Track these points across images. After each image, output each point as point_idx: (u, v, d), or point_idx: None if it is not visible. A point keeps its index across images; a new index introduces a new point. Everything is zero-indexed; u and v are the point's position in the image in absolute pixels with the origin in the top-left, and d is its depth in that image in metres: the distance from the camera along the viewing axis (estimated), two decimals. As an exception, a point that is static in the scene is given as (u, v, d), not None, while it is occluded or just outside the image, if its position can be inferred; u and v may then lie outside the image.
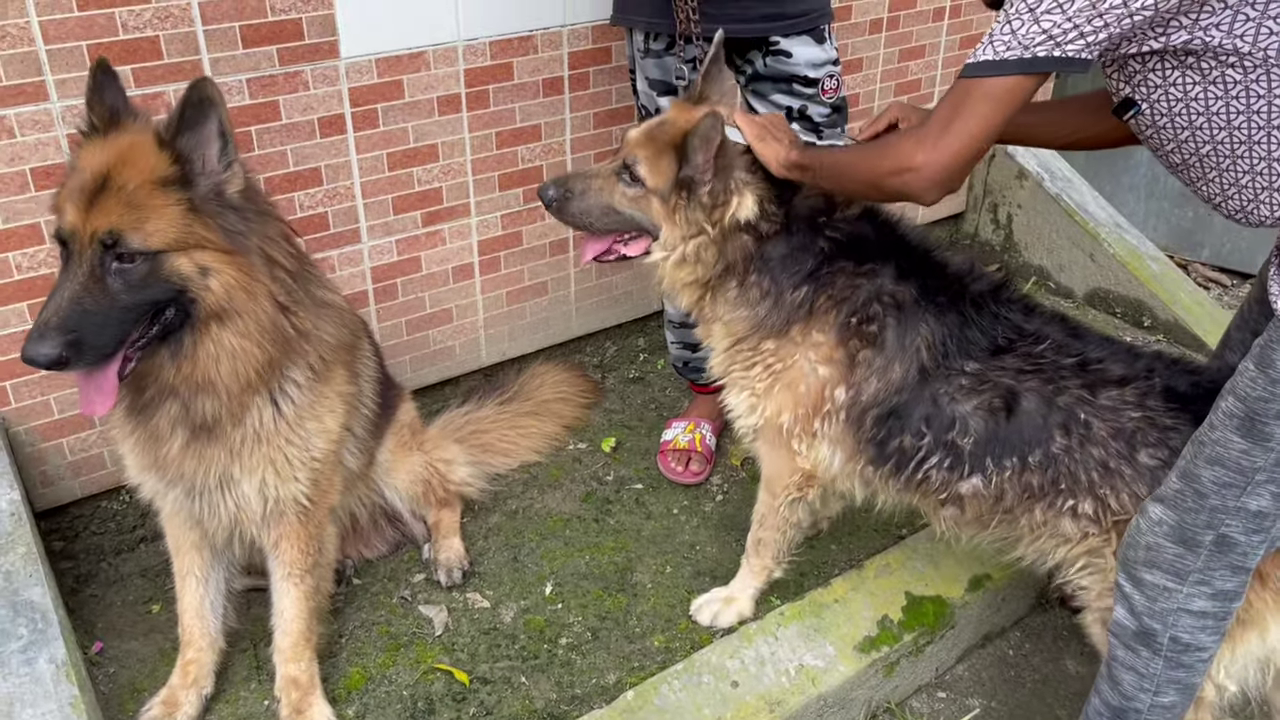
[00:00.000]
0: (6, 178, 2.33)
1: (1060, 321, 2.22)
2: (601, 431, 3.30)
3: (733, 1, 2.54)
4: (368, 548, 2.74)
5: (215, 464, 2.02)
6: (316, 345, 2.06)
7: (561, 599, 2.65)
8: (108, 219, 1.74)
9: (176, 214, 1.76)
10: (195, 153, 1.78)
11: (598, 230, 2.23)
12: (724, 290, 2.20)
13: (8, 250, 2.38)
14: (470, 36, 2.84)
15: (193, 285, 1.81)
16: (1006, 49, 1.69)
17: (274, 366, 1.97)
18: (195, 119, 1.75)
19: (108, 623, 2.58)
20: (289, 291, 1.93)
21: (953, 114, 1.75)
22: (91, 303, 1.75)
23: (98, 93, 1.84)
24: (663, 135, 2.14)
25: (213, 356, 1.88)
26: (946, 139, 1.75)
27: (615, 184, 2.17)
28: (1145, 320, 3.92)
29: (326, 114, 2.69)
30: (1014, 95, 1.72)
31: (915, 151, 1.78)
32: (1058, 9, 1.63)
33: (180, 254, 1.78)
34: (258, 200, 1.91)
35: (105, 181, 1.76)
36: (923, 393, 2.12)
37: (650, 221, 2.16)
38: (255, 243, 1.86)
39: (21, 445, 2.56)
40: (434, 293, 3.10)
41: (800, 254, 2.14)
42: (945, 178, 1.79)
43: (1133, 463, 2.04)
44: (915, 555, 2.70)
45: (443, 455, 2.79)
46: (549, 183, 2.22)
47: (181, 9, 2.40)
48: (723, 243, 2.14)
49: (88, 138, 1.85)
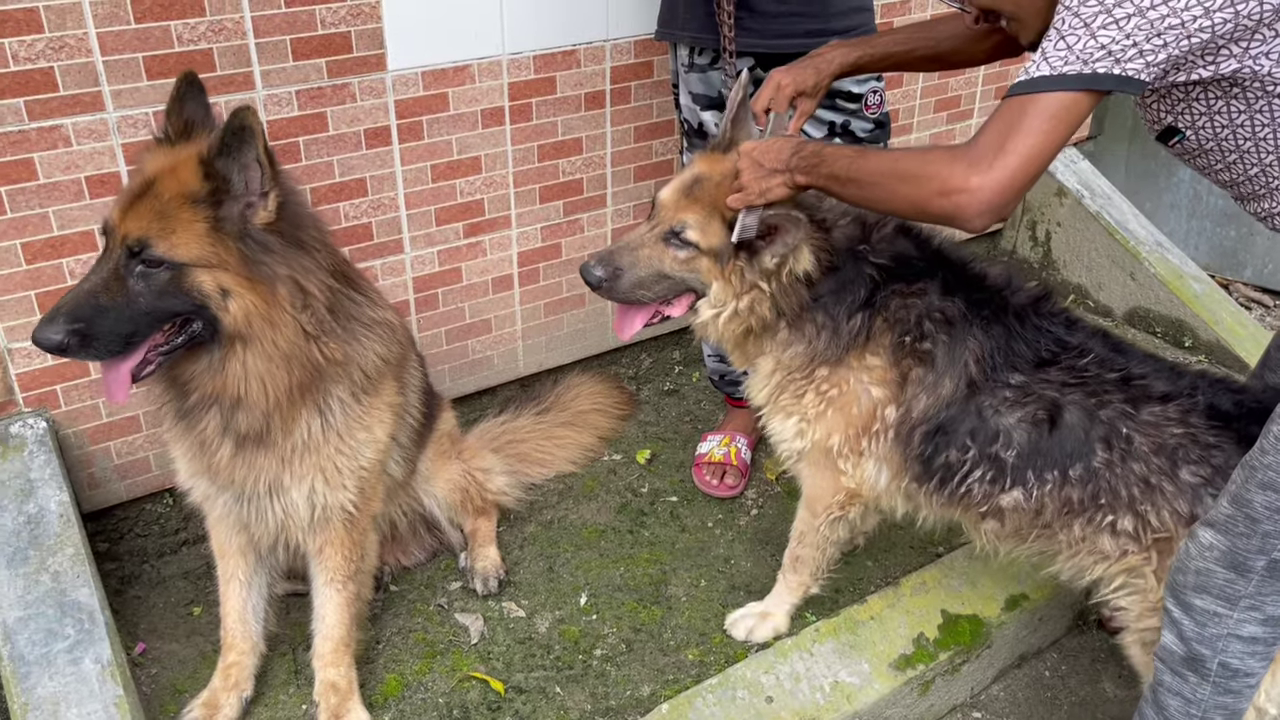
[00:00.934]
0: (62, 185, 2.39)
1: (1103, 336, 2.21)
2: (636, 443, 3.31)
3: (777, 17, 2.57)
4: (405, 555, 2.76)
5: (265, 472, 2.05)
6: (361, 363, 2.07)
7: (596, 610, 2.66)
8: (139, 224, 1.79)
9: (201, 230, 1.79)
10: (232, 176, 1.80)
11: (648, 300, 2.17)
12: (773, 332, 2.18)
13: (62, 256, 2.43)
14: (515, 50, 2.87)
15: (213, 304, 1.83)
16: (1064, 64, 1.63)
17: (306, 387, 1.98)
18: (233, 145, 1.77)
19: (150, 624, 2.62)
20: (319, 323, 1.93)
21: (1007, 132, 1.66)
22: (108, 299, 1.79)
23: (178, 103, 1.89)
24: (704, 195, 2.10)
25: (239, 376, 1.90)
26: (1003, 159, 1.65)
27: (664, 249, 2.12)
28: (1186, 340, 3.88)
29: (373, 126, 2.73)
30: (1071, 113, 1.65)
31: (969, 173, 1.67)
32: (1114, 25, 1.61)
33: (204, 270, 1.81)
34: (300, 233, 1.91)
35: (149, 188, 1.81)
36: (969, 406, 2.12)
37: (699, 280, 2.14)
38: (283, 272, 1.86)
39: (70, 448, 2.61)
40: (474, 303, 3.13)
41: (851, 285, 2.13)
42: (1001, 202, 1.68)
43: (1174, 479, 2.02)
44: (952, 573, 2.69)
45: (480, 464, 2.81)
46: (593, 263, 2.13)
47: (235, 22, 2.45)
48: (779, 295, 2.11)
49: (159, 144, 1.90)
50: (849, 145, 2.12)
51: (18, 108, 2.29)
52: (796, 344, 2.17)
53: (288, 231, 1.88)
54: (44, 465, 2.44)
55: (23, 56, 2.25)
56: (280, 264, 1.85)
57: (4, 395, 2.50)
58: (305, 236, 1.92)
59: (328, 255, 1.97)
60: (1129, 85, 1.63)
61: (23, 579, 2.26)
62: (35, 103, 2.30)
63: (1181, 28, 1.59)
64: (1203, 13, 1.59)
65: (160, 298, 1.81)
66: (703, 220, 2.09)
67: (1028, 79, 1.67)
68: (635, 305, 2.20)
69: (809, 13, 2.58)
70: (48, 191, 2.38)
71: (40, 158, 2.34)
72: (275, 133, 2.59)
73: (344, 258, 2.09)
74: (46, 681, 2.12)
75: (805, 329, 2.16)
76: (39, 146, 2.33)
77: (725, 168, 2.12)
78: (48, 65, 2.29)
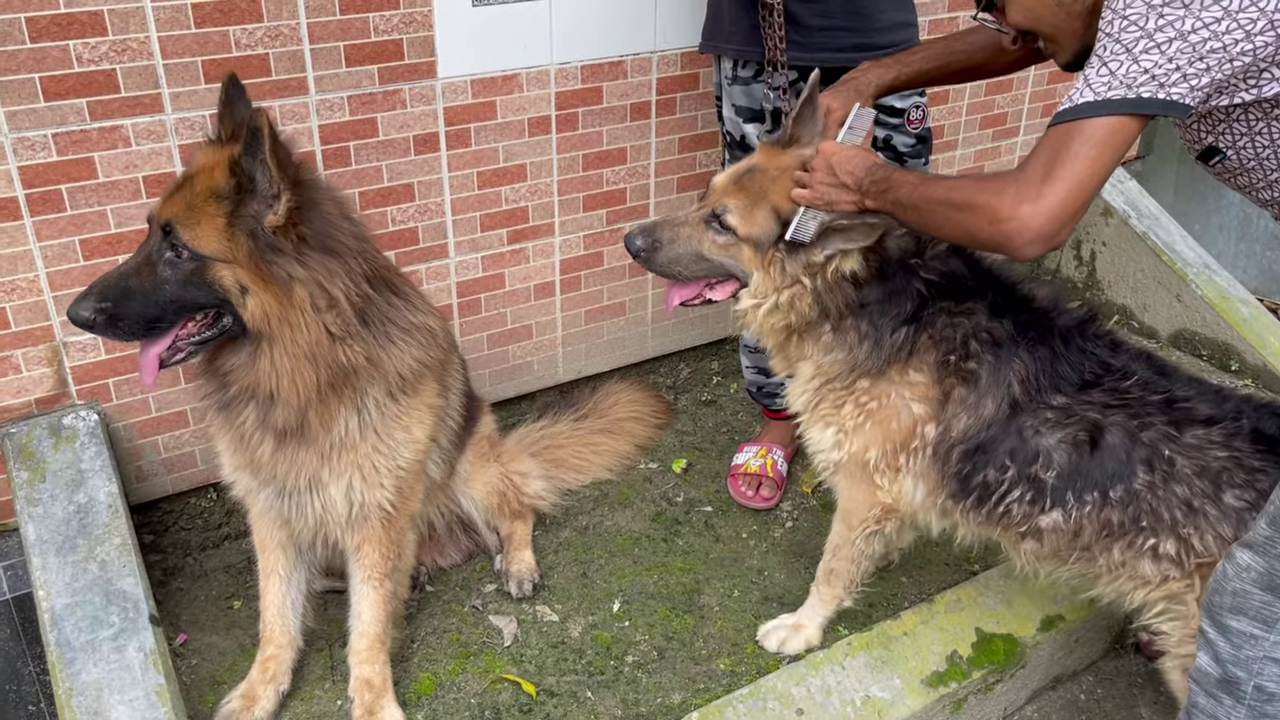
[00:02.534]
0: (121, 184, 2.45)
1: (1146, 358, 2.19)
2: (673, 452, 3.33)
3: (821, 31, 2.58)
4: (442, 556, 2.79)
5: (306, 467, 2.09)
6: (397, 366, 2.10)
7: (629, 617, 2.67)
8: (172, 210, 1.87)
9: (220, 225, 1.85)
10: (256, 176, 1.84)
11: (685, 277, 2.21)
12: (816, 334, 2.17)
13: (118, 253, 2.49)
14: (563, 60, 2.91)
15: (234, 300, 1.88)
16: (1108, 89, 1.63)
17: (336, 386, 2.01)
18: (251, 146, 1.82)
19: (191, 616, 2.67)
20: (345, 325, 1.96)
21: (1054, 159, 1.65)
22: (136, 283, 1.88)
23: (228, 106, 1.95)
24: (753, 185, 2.12)
25: (267, 371, 1.95)
26: (1051, 186, 1.64)
27: (705, 232, 2.15)
28: (1233, 364, 3.83)
29: (421, 132, 2.77)
30: (1118, 138, 1.64)
31: (1018, 201, 1.66)
32: (1156, 49, 1.60)
33: (225, 266, 1.86)
34: (330, 236, 1.94)
35: (188, 181, 1.89)
36: (1010, 427, 2.11)
37: (740, 268, 2.15)
38: (301, 274, 1.88)
39: (120, 441, 2.67)
40: (515, 309, 3.16)
41: (898, 297, 2.13)
42: (1052, 230, 1.66)
43: (1218, 503, 2.00)
44: (987, 592, 2.67)
45: (518, 468, 2.84)
46: (635, 232, 2.18)
47: (291, 28, 2.50)
48: (822, 293, 2.11)
49: (210, 144, 1.96)
50: (914, 171, 2.11)
51: (80, 108, 2.35)
52: (838, 350, 2.17)
53: (311, 236, 1.90)
54: (94, 457, 2.50)
55: (86, 58, 2.32)
56: (296, 266, 1.88)
57: (58, 388, 2.56)
58: (336, 241, 1.94)
59: (362, 261, 1.99)
60: (1174, 109, 1.62)
61: (71, 567, 2.32)
62: (97, 103, 2.37)
63: (1223, 50, 1.59)
64: (1244, 36, 1.58)
65: (184, 287, 1.87)
66: (745, 208, 2.10)
67: (1072, 106, 1.67)
68: (676, 280, 2.22)
69: (854, 27, 2.59)
70: (106, 190, 2.44)
71: (100, 157, 2.41)
72: (326, 137, 2.65)
73: (384, 263, 2.12)
74: (91, 668, 2.17)
75: (848, 336, 2.15)
76: (99, 146, 2.40)
77: (783, 162, 2.14)
78: (110, 67, 2.35)
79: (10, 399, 2.52)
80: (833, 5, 2.56)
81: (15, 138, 2.31)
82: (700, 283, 2.22)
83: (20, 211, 2.37)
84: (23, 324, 2.47)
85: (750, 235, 2.11)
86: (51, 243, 2.43)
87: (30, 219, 2.39)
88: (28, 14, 2.24)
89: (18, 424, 2.53)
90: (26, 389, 2.53)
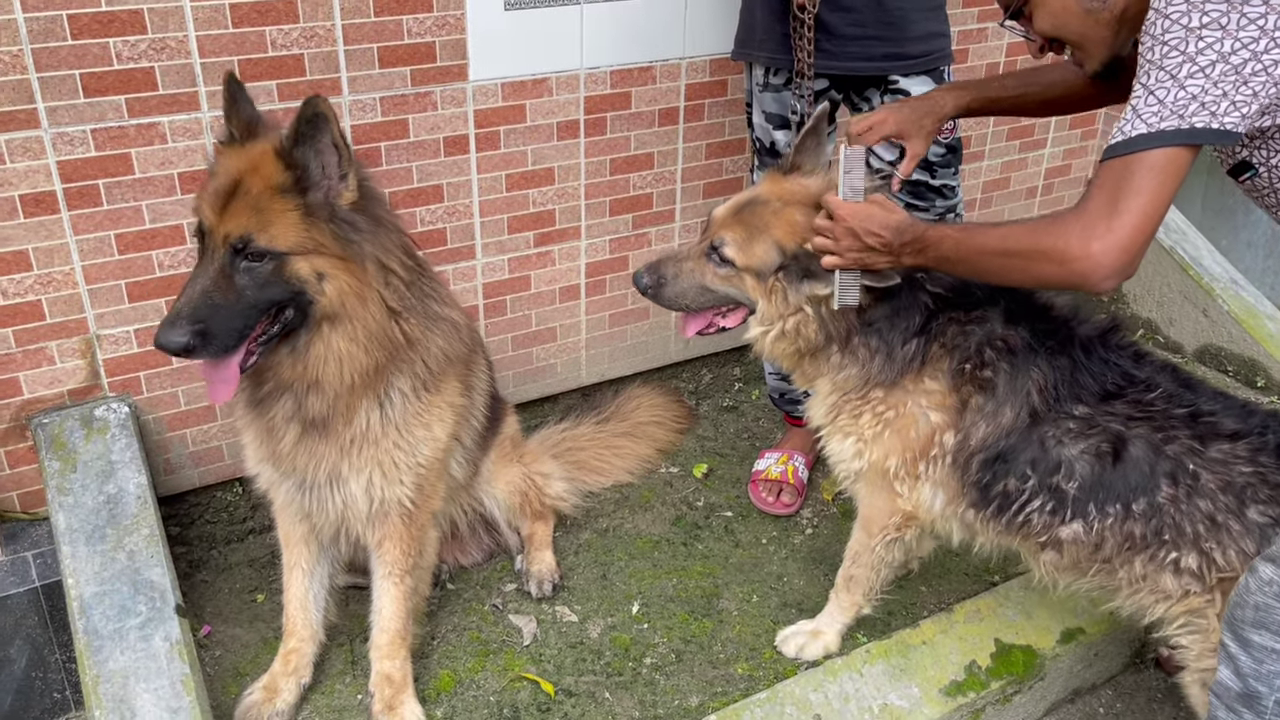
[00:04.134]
0: (156, 180, 2.49)
1: (1171, 371, 2.18)
2: (694, 457, 3.34)
3: (854, 40, 2.59)
4: (463, 554, 2.81)
5: (325, 460, 2.12)
6: (424, 355, 2.14)
7: (648, 619, 2.68)
8: (239, 222, 1.87)
9: (295, 219, 1.88)
10: (311, 164, 1.88)
11: (694, 309, 2.25)
12: (826, 354, 2.20)
13: (153, 248, 2.53)
14: (593, 65, 2.93)
15: (310, 288, 1.92)
16: (1160, 120, 1.63)
17: (379, 372, 2.05)
18: (309, 133, 1.85)
19: (215, 608, 2.70)
20: (401, 298, 2.02)
21: (1116, 194, 1.66)
22: (220, 297, 1.87)
23: (234, 105, 1.98)
24: (752, 217, 2.14)
25: (321, 358, 1.98)
26: (1119, 221, 1.65)
27: (706, 264, 2.18)
28: (1259, 380, 3.80)
29: (452, 134, 2.80)
30: (1175, 166, 1.65)
31: (1087, 240, 1.67)
32: (1200, 74, 1.60)
33: (300, 257, 1.90)
34: (378, 210, 2.00)
35: (237, 187, 1.89)
36: (1030, 436, 2.11)
37: (746, 296, 2.18)
38: (370, 250, 1.95)
39: (150, 433, 2.71)
40: (540, 311, 3.18)
41: (906, 311, 2.14)
42: (1125, 262, 1.68)
43: (1241, 518, 1.99)
44: (1007, 602, 2.66)
45: (540, 469, 2.85)
46: (641, 270, 2.23)
47: (326, 30, 2.53)
48: (826, 319, 2.13)
49: (227, 146, 1.98)
50: (950, 224, 2.12)
51: (119, 104, 2.39)
52: (850, 367, 2.19)
53: (369, 209, 1.96)
54: (125, 448, 2.54)
55: (126, 56, 2.36)
56: (368, 241, 1.95)
57: (91, 379, 2.60)
58: (381, 214, 2.01)
59: (400, 234, 2.06)
60: (1227, 138, 1.63)
61: (100, 556, 2.35)
62: (136, 100, 2.40)
63: (1265, 73, 1.59)
64: None
65: (263, 289, 1.89)
66: (743, 239, 2.13)
67: (1125, 139, 1.67)
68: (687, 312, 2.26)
69: (886, 36, 2.60)
70: (142, 186, 2.48)
71: (137, 153, 2.45)
72: (359, 137, 2.68)
73: (413, 240, 2.16)
74: (118, 656, 2.20)
75: (859, 353, 2.17)
76: (137, 142, 2.44)
77: (785, 192, 2.16)
78: (149, 65, 2.39)
79: (44, 389, 2.56)
80: (866, 15, 2.57)
81: (55, 133, 2.35)
82: (711, 311, 2.26)
83: (58, 205, 2.42)
84: (58, 316, 2.51)
85: (749, 266, 2.13)
86: (87, 236, 2.47)
87: (68, 213, 2.43)
88: (69, 11, 2.28)
89: (50, 414, 2.57)
90: (60, 380, 2.57)
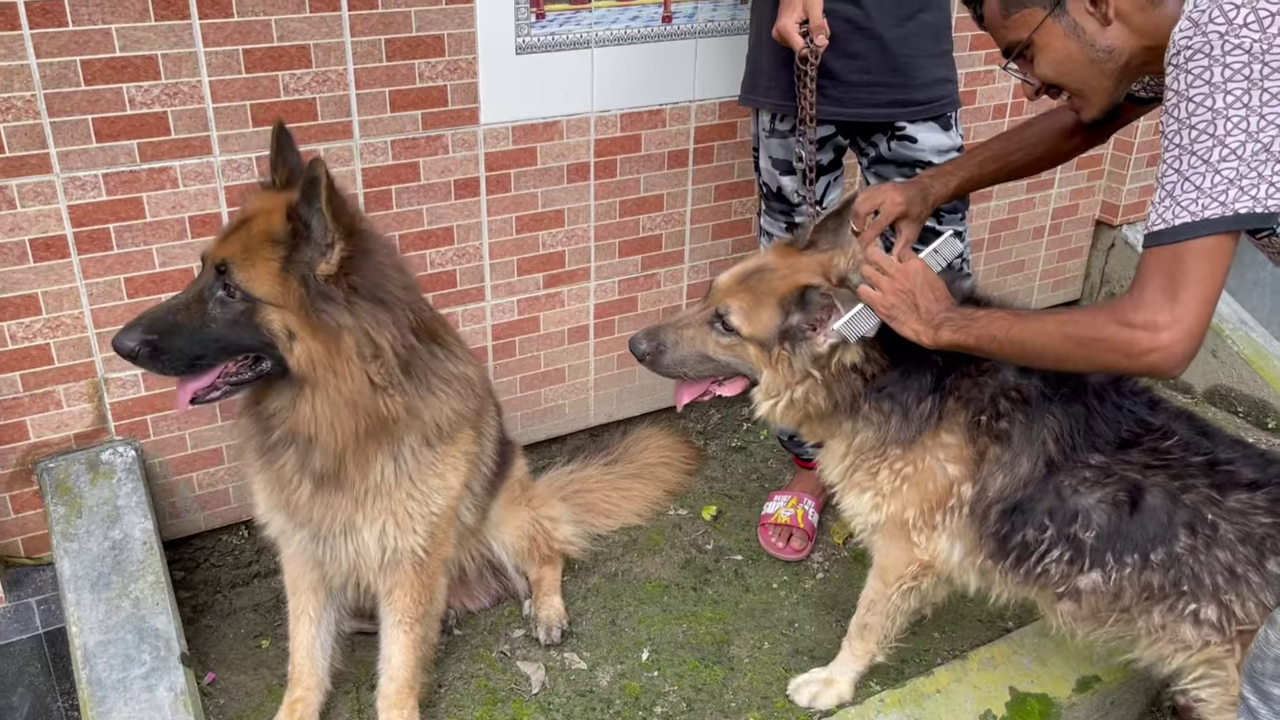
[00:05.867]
0: (168, 224, 2.49)
1: (1187, 418, 2.17)
2: (702, 499, 3.31)
3: (860, 87, 2.59)
4: (471, 599, 2.78)
5: (341, 512, 2.10)
6: (435, 416, 2.10)
7: (658, 666, 2.65)
8: (229, 250, 1.88)
9: (274, 269, 1.86)
10: (312, 223, 1.85)
11: (692, 378, 2.20)
12: (836, 420, 2.17)
13: (162, 291, 2.52)
14: (603, 108, 2.94)
15: (280, 344, 1.89)
16: (1202, 208, 1.63)
17: (374, 435, 2.02)
18: (308, 194, 1.83)
19: (220, 654, 2.67)
20: (388, 375, 1.96)
21: (1172, 285, 1.68)
22: (184, 317, 1.88)
23: (279, 154, 1.98)
24: (760, 285, 2.12)
25: (308, 417, 1.95)
26: (1184, 309, 1.68)
27: (708, 332, 2.14)
28: (1270, 421, 3.79)
29: (462, 177, 2.80)
30: (1223, 250, 1.67)
31: (1153, 330, 1.70)
32: (1233, 156, 1.60)
33: (274, 309, 1.87)
34: (377, 286, 1.94)
35: (245, 223, 1.91)
36: (1047, 486, 2.09)
37: (747, 366, 2.15)
38: (349, 323, 1.89)
39: (156, 477, 2.69)
40: (549, 352, 3.17)
41: (918, 371, 2.12)
42: (1195, 348, 1.72)
43: (1261, 570, 1.97)
44: (1022, 650, 2.63)
45: (549, 512, 2.83)
46: (639, 336, 2.18)
47: (338, 74, 2.54)
48: (832, 384, 2.11)
49: (264, 189, 2.00)
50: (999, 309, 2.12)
51: (131, 149, 2.40)
52: (865, 431, 2.17)
53: (363, 285, 1.90)
54: (131, 493, 2.52)
55: (139, 100, 2.37)
56: (346, 315, 1.88)
57: (97, 423, 2.59)
58: (386, 292, 1.95)
59: (410, 312, 2.00)
60: (1271, 220, 1.64)
61: (104, 604, 2.33)
62: (148, 145, 2.41)
63: None
64: None
65: (232, 328, 1.88)
66: (749, 308, 2.10)
67: (1169, 228, 1.67)
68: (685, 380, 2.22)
69: (892, 83, 2.60)
70: (153, 229, 2.48)
71: (149, 197, 2.45)
72: (369, 180, 2.68)
73: (432, 314, 2.12)
74: (122, 706, 2.17)
75: (873, 417, 2.14)
76: (148, 187, 2.44)
77: (796, 264, 2.15)
78: (161, 110, 2.40)
79: (50, 433, 2.55)
80: (872, 61, 2.57)
81: (67, 177, 2.35)
82: (708, 380, 2.21)
83: (68, 249, 2.41)
84: (66, 360, 2.50)
85: (755, 335, 2.10)
86: (97, 280, 2.47)
87: (78, 256, 2.43)
88: (83, 57, 2.29)
89: (56, 459, 2.56)
90: (66, 424, 2.56)
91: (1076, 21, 1.86)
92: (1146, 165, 4.16)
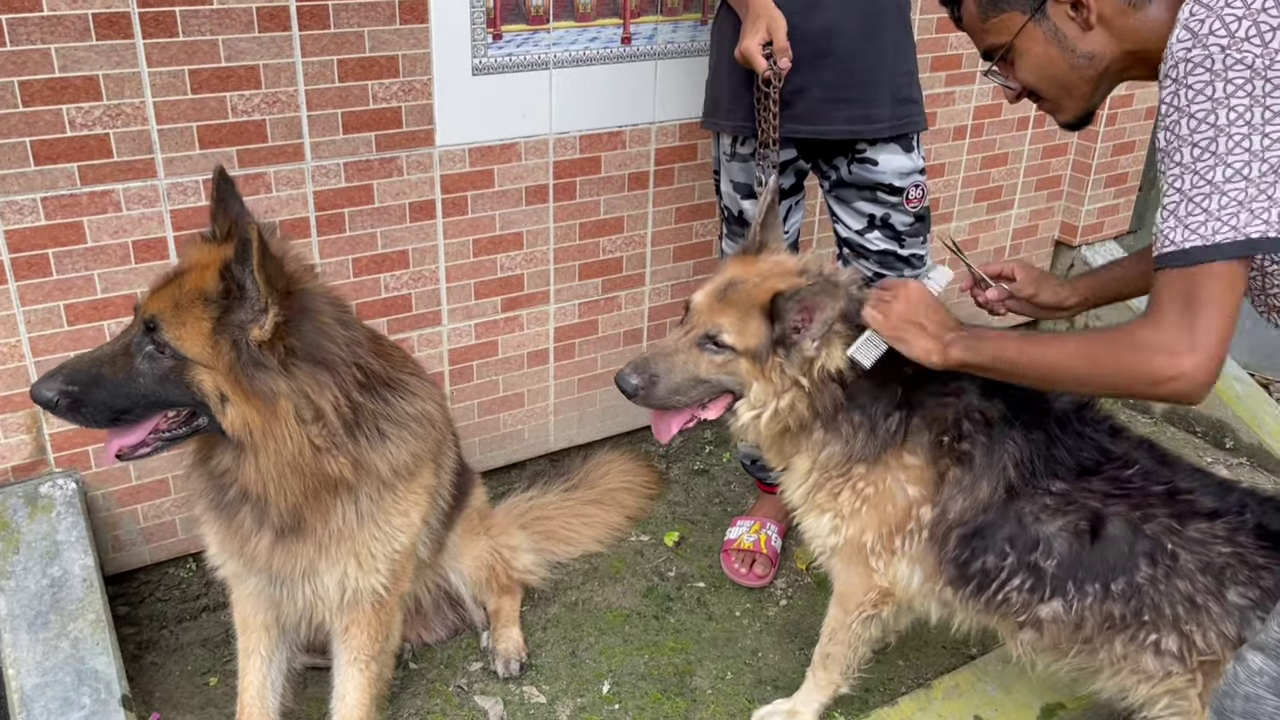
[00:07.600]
0: (110, 249, 2.41)
1: (1149, 447, 2.16)
2: (664, 524, 3.27)
3: (823, 103, 2.57)
4: (427, 631, 2.72)
5: (303, 559, 2.02)
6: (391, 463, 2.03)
7: (619, 699, 2.59)
8: (159, 305, 1.80)
9: (205, 329, 1.77)
10: (246, 284, 1.76)
11: (686, 404, 2.15)
12: (809, 432, 2.15)
13: (104, 318, 2.44)
14: (562, 130, 2.90)
15: (212, 406, 1.80)
16: (1213, 232, 1.59)
17: (320, 492, 1.94)
18: (241, 255, 1.74)
19: (165, 693, 2.58)
20: (331, 436, 1.88)
21: (1189, 311, 1.64)
22: (110, 370, 1.80)
23: (220, 202, 1.89)
24: (739, 298, 2.09)
25: (254, 479, 1.88)
26: (1205, 335, 1.64)
27: (699, 355, 2.10)
28: (1227, 442, 3.81)
29: (418, 199, 2.74)
30: (1237, 273, 1.63)
31: (1174, 357, 1.65)
32: (1238, 177, 1.56)
33: (205, 370, 1.78)
34: (322, 349, 1.85)
35: (178, 277, 1.83)
36: (1008, 512, 2.07)
37: (736, 381, 2.11)
38: (285, 389, 1.80)
39: (98, 509, 2.60)
40: (508, 376, 3.12)
41: (887, 384, 2.10)
42: (1216, 372, 1.67)
43: (1221, 600, 1.96)
44: (986, 678, 2.61)
45: (508, 541, 2.77)
46: (627, 371, 2.12)
47: (289, 95, 2.48)
48: (815, 393, 2.09)
49: (204, 241, 1.91)
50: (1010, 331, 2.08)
51: (71, 172, 2.32)
52: (833, 444, 2.15)
53: (301, 348, 1.82)
54: (71, 527, 2.43)
55: (80, 122, 2.29)
56: (281, 381, 1.79)
57: (36, 454, 2.50)
58: (327, 353, 1.86)
59: (355, 369, 1.91)
60: None
61: (42, 644, 2.24)
62: (89, 168, 2.33)
63: None
64: None
65: (161, 384, 1.80)
66: (738, 322, 2.07)
67: (1180, 250, 1.63)
68: (671, 410, 2.17)
69: (856, 99, 2.58)
70: (94, 255, 2.40)
71: (90, 221, 2.37)
72: (321, 203, 2.62)
73: (375, 367, 2.00)
74: (59, 753, 2.09)
75: (842, 429, 2.13)
76: (89, 210, 2.36)
77: (759, 270, 2.13)
78: (103, 131, 2.32)
79: (-13, 465, 2.46)
80: (835, 79, 2.55)
81: (3, 201, 2.27)
82: (694, 406, 2.16)
83: (5, 275, 2.33)
84: (2, 389, 2.41)
85: (749, 348, 2.07)
86: (35, 307, 2.38)
87: (15, 283, 2.34)
88: (21, 78, 2.21)
89: (-7, 491, 2.46)
90: (4, 456, 2.46)
91: (1057, 26, 1.82)
92: (1105, 186, 4.19)
